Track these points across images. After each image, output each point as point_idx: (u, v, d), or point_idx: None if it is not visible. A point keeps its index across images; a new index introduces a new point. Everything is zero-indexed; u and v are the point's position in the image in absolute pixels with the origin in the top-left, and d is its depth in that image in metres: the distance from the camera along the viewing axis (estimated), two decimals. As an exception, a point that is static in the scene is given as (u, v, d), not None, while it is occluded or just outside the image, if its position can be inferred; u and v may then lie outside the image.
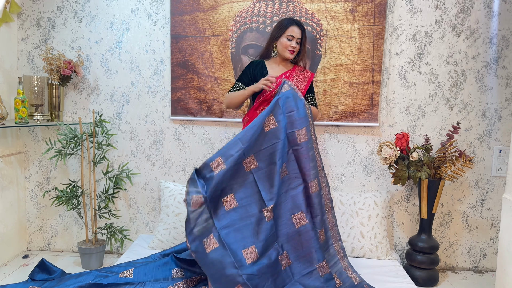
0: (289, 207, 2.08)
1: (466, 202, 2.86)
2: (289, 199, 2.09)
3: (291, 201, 2.09)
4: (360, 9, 2.71)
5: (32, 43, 2.85)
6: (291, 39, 2.35)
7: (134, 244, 2.70)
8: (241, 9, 2.74)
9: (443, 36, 2.75)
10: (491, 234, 2.88)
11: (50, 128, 2.90)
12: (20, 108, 2.50)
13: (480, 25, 2.73)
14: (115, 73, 2.86)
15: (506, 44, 2.74)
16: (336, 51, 2.74)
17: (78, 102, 2.89)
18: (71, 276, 2.16)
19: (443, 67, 2.77)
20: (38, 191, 2.95)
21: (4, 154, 2.73)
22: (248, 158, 2.05)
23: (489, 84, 2.77)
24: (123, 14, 2.82)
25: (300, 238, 2.05)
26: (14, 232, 2.85)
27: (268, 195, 2.01)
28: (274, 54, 2.48)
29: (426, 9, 2.73)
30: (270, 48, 2.48)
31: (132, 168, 2.89)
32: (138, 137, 2.90)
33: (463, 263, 2.91)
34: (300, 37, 2.39)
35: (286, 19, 2.42)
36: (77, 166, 2.91)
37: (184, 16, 2.77)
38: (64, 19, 2.83)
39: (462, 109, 2.80)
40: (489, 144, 2.81)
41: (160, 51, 2.83)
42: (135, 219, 2.95)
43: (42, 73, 2.80)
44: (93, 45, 2.85)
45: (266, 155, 2.07)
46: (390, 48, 2.76)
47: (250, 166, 2.05)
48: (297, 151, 2.15)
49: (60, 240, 2.99)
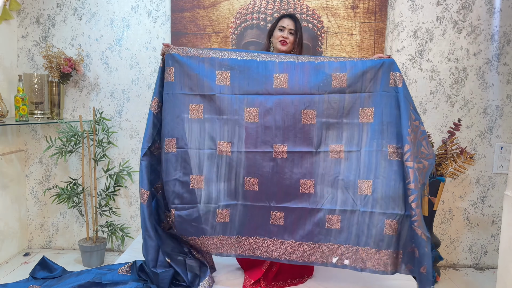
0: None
1: (467, 199, 2.86)
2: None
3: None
4: (361, 5, 2.70)
5: (32, 40, 2.84)
6: (283, 29, 2.30)
7: (135, 242, 2.70)
8: (242, 6, 2.73)
9: (444, 32, 2.74)
10: (492, 231, 2.88)
11: (51, 126, 2.89)
12: (20, 105, 2.50)
13: (482, 21, 2.72)
14: (115, 71, 2.86)
15: (507, 41, 2.73)
16: (337, 48, 2.73)
17: (78, 99, 2.88)
18: (72, 274, 2.16)
19: (444, 64, 2.76)
20: (39, 189, 2.94)
21: (4, 152, 2.73)
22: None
23: (491, 81, 2.76)
24: (123, 11, 2.81)
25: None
26: (15, 230, 2.85)
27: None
28: (272, 50, 2.46)
29: (427, 5, 2.72)
30: (268, 44, 2.46)
31: (132, 166, 2.89)
32: (139, 135, 2.89)
33: (464, 260, 2.91)
34: (292, 28, 2.28)
35: (280, 15, 2.40)
36: (78, 164, 2.90)
37: (185, 13, 2.76)
38: (64, 17, 2.82)
39: (463, 106, 2.79)
40: (490, 141, 2.81)
41: (161, 48, 2.82)
42: (136, 217, 2.95)
43: (42, 70, 2.79)
44: (93, 42, 2.84)
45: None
46: (391, 45, 2.76)
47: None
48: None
49: (61, 238, 2.99)
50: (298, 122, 2.00)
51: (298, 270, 2.19)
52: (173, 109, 2.04)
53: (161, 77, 2.08)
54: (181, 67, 2.03)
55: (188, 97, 2.04)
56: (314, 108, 1.99)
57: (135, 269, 2.12)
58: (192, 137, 2.04)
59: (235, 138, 2.03)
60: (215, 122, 2.04)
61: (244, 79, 2.03)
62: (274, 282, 2.13)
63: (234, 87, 2.04)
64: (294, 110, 2.00)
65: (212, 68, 2.04)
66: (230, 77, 2.03)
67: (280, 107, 2.00)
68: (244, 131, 2.02)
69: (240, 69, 2.02)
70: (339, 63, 1.99)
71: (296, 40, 2.29)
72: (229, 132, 2.04)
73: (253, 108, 2.02)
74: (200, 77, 2.03)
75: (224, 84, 2.03)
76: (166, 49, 2.06)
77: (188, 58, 2.04)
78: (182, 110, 2.03)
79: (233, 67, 2.03)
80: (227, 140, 2.04)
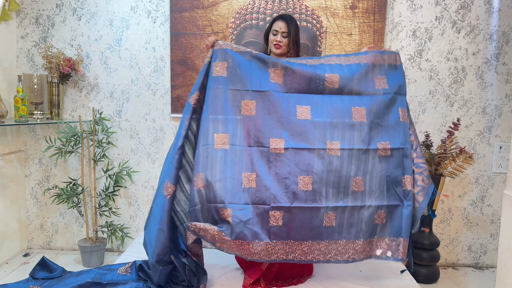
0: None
1: (466, 199, 2.87)
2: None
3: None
4: (360, 5, 2.70)
5: (32, 41, 2.84)
6: (276, 34, 2.29)
7: (134, 242, 2.70)
8: (241, 6, 2.74)
9: (443, 32, 2.74)
10: (491, 230, 2.88)
11: (50, 126, 2.89)
12: (20, 106, 2.50)
13: (480, 21, 2.72)
14: (114, 71, 2.86)
15: (506, 40, 2.73)
16: (336, 48, 2.73)
17: (78, 100, 2.89)
18: (72, 275, 2.16)
19: (443, 64, 2.76)
20: (39, 189, 2.95)
21: (4, 152, 2.73)
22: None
23: (489, 81, 2.77)
24: (122, 11, 2.81)
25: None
26: (15, 231, 2.85)
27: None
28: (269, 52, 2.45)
29: (426, 5, 2.72)
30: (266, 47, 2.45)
31: (132, 166, 2.89)
32: (138, 135, 2.90)
33: (463, 259, 2.92)
34: (285, 30, 2.26)
35: (273, 17, 2.41)
36: (77, 164, 2.91)
37: (184, 13, 2.76)
38: (63, 17, 2.82)
39: (462, 106, 2.79)
40: (489, 140, 2.81)
41: (160, 48, 2.82)
42: (136, 217, 2.95)
43: (41, 71, 2.79)
44: (93, 42, 2.84)
45: None
46: (391, 44, 2.76)
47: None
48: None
49: (60, 238, 2.99)
50: (349, 119, 2.04)
51: (298, 269, 2.19)
52: (224, 105, 2.01)
53: (206, 72, 2.07)
54: (233, 62, 2.05)
55: (240, 93, 2.04)
56: (364, 106, 2.06)
57: (134, 269, 2.12)
58: (244, 134, 2.01)
59: (287, 135, 2.02)
60: (266, 119, 2.03)
61: (296, 78, 2.07)
62: (274, 281, 2.13)
63: (287, 85, 2.07)
64: (345, 107, 2.05)
65: (265, 65, 2.07)
66: (283, 75, 2.07)
67: (332, 105, 2.05)
68: (296, 128, 2.02)
69: (292, 68, 2.06)
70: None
71: (290, 41, 2.28)
72: (281, 129, 2.02)
73: (305, 106, 2.04)
74: (253, 74, 2.05)
75: (277, 82, 2.06)
76: (216, 44, 2.08)
77: (241, 54, 2.07)
78: (234, 105, 2.03)
79: (285, 66, 2.07)
80: (279, 137, 2.01)
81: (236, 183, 1.96)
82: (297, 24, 2.33)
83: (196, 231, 1.93)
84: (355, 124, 2.04)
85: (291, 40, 2.28)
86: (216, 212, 1.95)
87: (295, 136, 2.01)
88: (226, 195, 1.93)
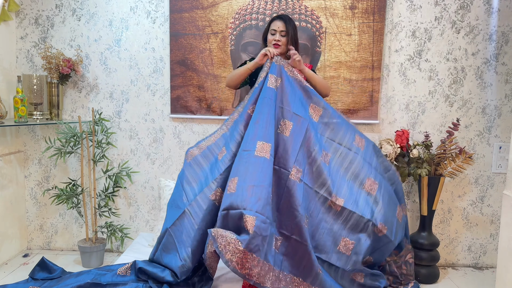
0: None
1: (466, 199, 2.87)
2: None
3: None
4: (360, 6, 2.70)
5: (31, 41, 2.84)
6: (274, 33, 2.32)
7: (134, 243, 2.70)
8: (240, 7, 2.74)
9: (443, 32, 2.74)
10: (491, 230, 2.88)
11: (50, 127, 2.89)
12: (19, 106, 2.50)
13: (480, 21, 2.72)
14: (114, 71, 2.86)
15: (505, 41, 2.73)
16: (336, 48, 2.74)
17: (77, 100, 2.89)
18: (71, 275, 2.16)
19: (443, 64, 2.77)
20: (38, 190, 2.94)
21: (3, 153, 2.73)
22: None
23: (489, 81, 2.77)
24: (122, 12, 2.81)
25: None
26: (14, 231, 2.85)
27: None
28: None
29: (426, 5, 2.72)
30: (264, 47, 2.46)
31: (132, 167, 2.89)
32: (138, 136, 2.90)
33: (463, 259, 2.92)
34: (283, 29, 2.31)
35: (271, 18, 2.41)
36: (77, 164, 2.90)
37: (183, 14, 2.76)
38: (62, 17, 2.82)
39: (462, 106, 2.79)
40: (489, 140, 2.81)
41: (159, 49, 2.82)
42: (135, 218, 2.95)
43: (41, 71, 2.79)
44: (92, 43, 2.84)
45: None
46: (390, 45, 2.76)
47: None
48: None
49: (60, 239, 2.99)
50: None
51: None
52: (271, 117, 2.10)
53: (263, 81, 2.20)
54: (284, 81, 2.21)
55: (282, 112, 2.16)
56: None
57: (134, 270, 2.12)
58: (279, 150, 2.10)
59: (305, 166, 2.12)
60: (298, 144, 2.11)
61: (330, 125, 2.25)
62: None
63: (319, 125, 2.23)
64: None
65: (309, 98, 2.26)
66: (320, 116, 2.25)
67: (350, 167, 2.22)
68: (316, 165, 2.13)
69: (329, 118, 2.26)
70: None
71: (289, 40, 2.33)
72: (303, 157, 2.12)
73: (329, 154, 2.20)
74: (299, 99, 2.21)
75: (313, 117, 2.23)
76: (275, 58, 2.25)
77: (292, 77, 2.26)
78: (276, 120, 2.14)
79: (325, 107, 2.26)
80: (300, 167, 2.10)
81: (269, 194, 1.95)
82: (295, 23, 2.34)
83: (215, 236, 1.84)
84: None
85: (289, 39, 2.30)
86: (239, 219, 1.86)
87: (309, 170, 2.13)
88: (256, 203, 1.88)
